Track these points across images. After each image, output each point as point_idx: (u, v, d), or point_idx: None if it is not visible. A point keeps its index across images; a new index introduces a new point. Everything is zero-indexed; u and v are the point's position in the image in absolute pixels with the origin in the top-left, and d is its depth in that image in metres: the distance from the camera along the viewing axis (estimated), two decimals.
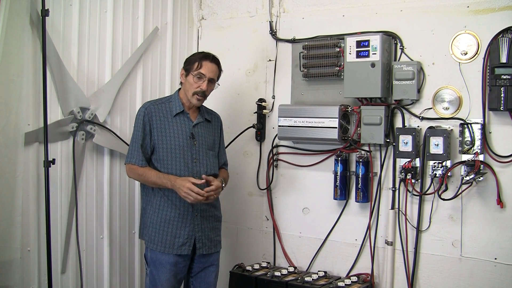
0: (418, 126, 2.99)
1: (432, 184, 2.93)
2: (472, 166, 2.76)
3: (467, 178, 2.77)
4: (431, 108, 2.97)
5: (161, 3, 3.60)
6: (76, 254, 3.03)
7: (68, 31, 2.97)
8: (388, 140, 3.05)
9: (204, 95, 2.87)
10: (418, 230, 3.00)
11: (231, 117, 3.65)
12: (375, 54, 2.96)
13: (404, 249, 3.04)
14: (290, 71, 3.43)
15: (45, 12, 2.71)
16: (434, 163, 2.90)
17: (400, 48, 3.05)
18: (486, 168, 2.79)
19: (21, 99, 2.72)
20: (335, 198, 3.23)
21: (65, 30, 2.95)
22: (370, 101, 3.09)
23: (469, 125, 2.81)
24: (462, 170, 2.81)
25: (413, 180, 2.97)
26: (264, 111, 3.54)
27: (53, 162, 2.77)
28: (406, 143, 2.93)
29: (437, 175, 2.90)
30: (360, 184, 3.12)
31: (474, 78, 2.84)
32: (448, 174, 2.86)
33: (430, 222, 2.98)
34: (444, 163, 2.87)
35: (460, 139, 2.84)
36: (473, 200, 2.86)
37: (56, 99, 2.91)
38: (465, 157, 2.82)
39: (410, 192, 3.01)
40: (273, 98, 3.53)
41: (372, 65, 2.97)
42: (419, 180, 2.97)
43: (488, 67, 2.76)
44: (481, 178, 2.79)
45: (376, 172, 3.13)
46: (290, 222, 3.48)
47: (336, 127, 3.10)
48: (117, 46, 3.26)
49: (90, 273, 3.16)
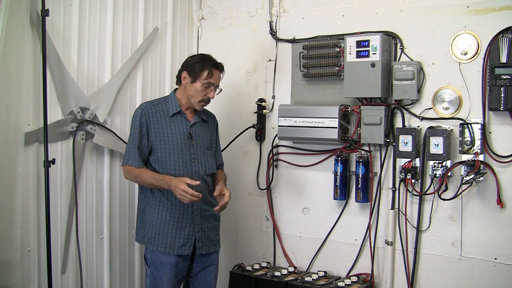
0: (418, 126, 2.99)
1: (432, 184, 2.93)
2: (472, 166, 2.76)
3: (467, 178, 2.77)
4: (431, 108, 2.96)
5: (161, 3, 3.60)
6: (76, 254, 3.03)
7: (68, 31, 2.97)
8: (388, 140, 3.05)
9: (209, 101, 2.90)
10: (418, 230, 3.00)
11: (231, 117, 3.65)
12: (375, 54, 2.96)
13: (404, 249, 3.04)
14: (290, 71, 3.43)
15: (45, 12, 2.71)
16: (434, 163, 2.90)
17: (400, 48, 3.05)
18: (486, 168, 2.79)
19: (21, 99, 2.71)
20: (335, 198, 3.23)
21: (65, 30, 2.95)
22: (370, 101, 3.09)
23: (469, 125, 2.81)
24: (462, 170, 2.81)
25: (413, 180, 2.97)
26: (264, 111, 3.54)
27: (53, 162, 2.77)
28: (406, 143, 2.93)
29: (437, 175, 2.90)
30: (360, 184, 3.12)
31: (474, 78, 2.84)
32: (448, 174, 2.86)
33: (430, 222, 2.98)
34: (444, 163, 2.87)
35: (460, 139, 2.84)
36: (473, 200, 2.86)
37: (56, 99, 2.91)
38: (465, 157, 2.82)
39: (410, 192, 3.01)
40: (273, 98, 3.53)
41: (372, 65, 2.97)
42: (419, 180, 2.97)
43: (488, 67, 2.76)
44: (481, 178, 2.79)
45: (376, 172, 3.13)
46: (290, 222, 3.48)
47: (336, 127, 3.10)
48: (117, 46, 3.27)
49: (90, 273, 3.16)
